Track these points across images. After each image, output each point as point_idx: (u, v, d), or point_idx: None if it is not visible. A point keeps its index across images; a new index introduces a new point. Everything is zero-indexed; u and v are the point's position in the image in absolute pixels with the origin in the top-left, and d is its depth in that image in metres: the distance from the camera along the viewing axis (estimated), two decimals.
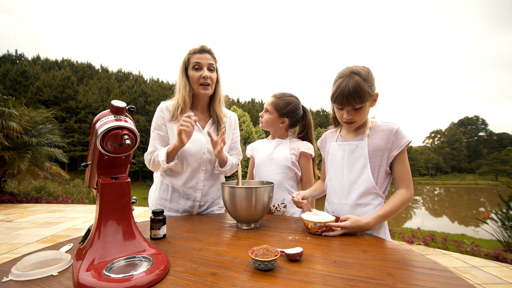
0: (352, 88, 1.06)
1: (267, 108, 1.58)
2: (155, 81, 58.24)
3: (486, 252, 3.11)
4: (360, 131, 1.21)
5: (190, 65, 1.37)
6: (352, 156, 1.18)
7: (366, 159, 1.14)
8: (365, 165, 1.15)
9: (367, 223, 1.02)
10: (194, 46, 1.39)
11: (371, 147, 1.14)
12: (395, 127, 1.12)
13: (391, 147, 1.12)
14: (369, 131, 1.18)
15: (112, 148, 0.71)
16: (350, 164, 1.19)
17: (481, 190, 41.44)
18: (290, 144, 1.56)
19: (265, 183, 1.26)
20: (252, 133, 26.47)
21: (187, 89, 1.37)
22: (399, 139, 1.11)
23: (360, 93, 1.06)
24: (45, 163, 7.29)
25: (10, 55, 58.59)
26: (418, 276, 0.68)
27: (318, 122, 66.75)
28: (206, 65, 1.35)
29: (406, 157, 1.13)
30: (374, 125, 1.19)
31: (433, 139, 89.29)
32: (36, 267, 0.69)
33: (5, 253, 3.01)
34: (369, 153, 1.14)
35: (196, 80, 1.36)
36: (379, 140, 1.14)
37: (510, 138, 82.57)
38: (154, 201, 1.42)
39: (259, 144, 1.70)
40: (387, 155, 1.12)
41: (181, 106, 1.37)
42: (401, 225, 10.33)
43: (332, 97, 1.15)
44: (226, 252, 0.85)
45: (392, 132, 1.12)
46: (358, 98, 1.07)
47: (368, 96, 1.10)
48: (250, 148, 1.72)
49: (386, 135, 1.13)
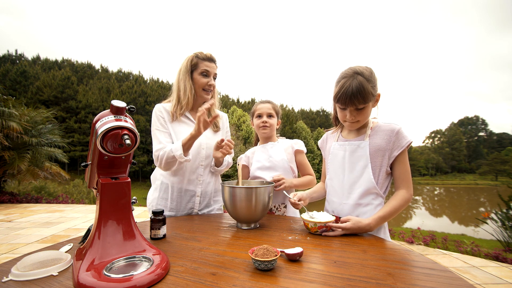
0: (355, 88, 1.05)
1: (270, 113, 1.59)
2: (155, 81, 58.24)
3: (486, 252, 3.11)
4: (362, 131, 1.21)
5: (198, 69, 1.41)
6: (353, 156, 1.18)
7: (367, 159, 1.14)
8: (366, 165, 1.15)
9: (367, 224, 1.02)
10: (201, 51, 1.43)
11: (372, 147, 1.14)
12: (396, 128, 1.12)
13: (392, 148, 1.12)
14: (370, 131, 1.18)
15: (112, 148, 0.71)
16: (351, 164, 1.19)
17: (481, 190, 41.44)
18: (283, 145, 1.59)
19: (265, 183, 1.27)
20: (252, 133, 26.49)
21: (193, 92, 1.42)
22: (400, 140, 1.11)
23: (363, 93, 1.06)
24: (45, 163, 7.29)
25: (10, 55, 58.60)
26: (418, 276, 0.68)
27: (318, 122, 66.77)
28: (213, 74, 1.45)
29: (407, 157, 1.13)
30: (375, 125, 1.19)
31: (433, 139, 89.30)
32: (36, 267, 0.69)
33: (5, 253, 3.01)
34: (370, 153, 1.14)
35: (202, 85, 1.42)
36: (380, 140, 1.14)
37: (510, 138, 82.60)
38: (154, 201, 1.42)
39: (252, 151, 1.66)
40: (388, 155, 1.12)
41: (184, 107, 1.41)
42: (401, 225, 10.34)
43: (335, 97, 1.14)
44: (226, 252, 0.85)
45: (394, 132, 1.12)
46: (362, 98, 1.06)
47: (371, 96, 1.09)
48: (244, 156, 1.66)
49: (387, 135, 1.13)
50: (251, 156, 1.65)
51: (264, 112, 1.58)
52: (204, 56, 1.42)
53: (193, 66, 1.41)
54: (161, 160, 1.31)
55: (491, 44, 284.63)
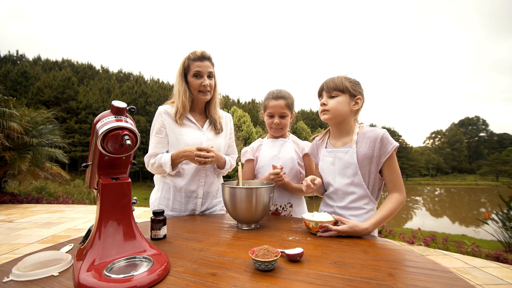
0: (331, 78, 1.21)
1: (283, 112, 1.46)
2: (155, 82, 58.32)
3: (487, 253, 3.10)
4: (348, 139, 1.23)
5: (190, 71, 1.39)
6: (342, 164, 1.20)
7: (356, 166, 1.16)
8: (355, 172, 1.17)
9: (365, 228, 1.02)
10: (194, 51, 1.39)
11: (360, 155, 1.16)
12: (380, 134, 1.13)
13: (379, 154, 1.13)
14: (356, 137, 1.20)
15: (112, 149, 0.71)
16: (342, 171, 1.20)
17: (482, 190, 41.38)
18: (294, 145, 1.54)
19: (265, 184, 1.26)
20: (252, 133, 26.50)
21: (187, 95, 1.41)
22: (386, 145, 1.12)
23: (337, 82, 1.18)
24: (46, 164, 7.29)
25: (11, 55, 58.71)
26: (419, 277, 0.68)
27: (318, 123, 66.72)
28: (206, 73, 1.39)
29: (396, 161, 1.14)
30: (361, 131, 1.20)
31: (433, 139, 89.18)
32: (36, 267, 0.69)
33: (5, 253, 3.01)
34: (358, 160, 1.16)
35: (197, 87, 1.40)
36: (366, 148, 1.15)
37: (510, 138, 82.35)
38: (156, 201, 1.43)
39: (259, 144, 1.61)
40: (376, 162, 1.14)
41: (181, 111, 1.40)
42: (401, 226, 10.33)
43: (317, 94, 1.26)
44: (227, 252, 0.85)
45: (377, 139, 1.13)
46: (334, 84, 1.18)
47: (347, 90, 1.17)
48: (250, 149, 1.61)
49: (372, 142, 1.14)
50: (257, 149, 1.58)
51: (276, 112, 1.46)
52: (195, 57, 1.37)
53: (185, 68, 1.40)
54: (151, 167, 1.38)
55: (492, 48, 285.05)
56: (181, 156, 1.32)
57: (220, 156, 1.40)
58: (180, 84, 1.40)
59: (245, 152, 1.62)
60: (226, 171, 1.51)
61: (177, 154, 1.33)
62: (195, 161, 1.29)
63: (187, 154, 1.30)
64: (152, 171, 1.40)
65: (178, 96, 1.41)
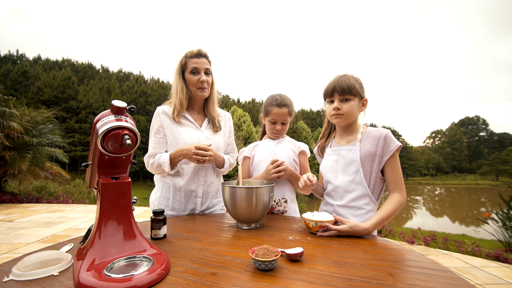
0: (342, 80, 1.18)
1: (284, 120, 1.50)
2: (155, 81, 58.29)
3: (487, 252, 3.11)
4: (352, 137, 1.25)
5: (187, 68, 1.41)
6: (345, 161, 1.21)
7: (358, 164, 1.17)
8: (357, 170, 1.17)
9: (365, 228, 1.02)
10: (191, 50, 1.42)
11: (363, 153, 1.17)
12: (384, 133, 1.15)
13: (381, 153, 1.14)
14: (360, 136, 1.22)
15: (112, 148, 0.71)
16: (344, 169, 1.21)
17: (482, 190, 41.38)
18: (289, 144, 1.59)
19: (265, 183, 1.26)
20: (252, 133, 26.47)
21: (184, 92, 1.42)
22: (389, 144, 1.14)
23: (349, 84, 1.17)
24: (46, 163, 7.30)
25: (11, 55, 58.72)
26: (419, 277, 0.68)
27: (318, 122, 66.73)
28: (203, 69, 1.41)
29: (398, 161, 1.15)
30: (365, 131, 1.23)
31: (433, 139, 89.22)
32: (36, 267, 0.69)
33: (5, 253, 3.01)
34: (361, 158, 1.17)
35: (194, 84, 1.41)
36: (369, 146, 1.17)
37: (511, 138, 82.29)
38: (156, 201, 1.43)
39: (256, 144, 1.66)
40: (378, 160, 1.15)
41: (178, 108, 1.41)
42: (401, 225, 10.33)
43: (324, 92, 1.24)
44: (227, 252, 0.85)
45: (381, 138, 1.15)
46: (347, 88, 1.16)
47: (357, 92, 1.18)
48: (247, 148, 1.66)
49: (375, 141, 1.16)
50: (254, 148, 1.63)
51: (279, 120, 1.50)
52: (192, 54, 1.40)
53: (183, 66, 1.42)
54: (150, 167, 1.39)
55: (492, 48, 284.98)
56: (179, 155, 1.32)
57: (218, 155, 1.40)
58: (177, 82, 1.42)
59: (242, 151, 1.65)
60: (225, 170, 1.51)
61: (175, 153, 1.33)
62: (193, 159, 1.29)
63: (185, 152, 1.31)
64: (152, 171, 1.41)
65: (176, 93, 1.42)
